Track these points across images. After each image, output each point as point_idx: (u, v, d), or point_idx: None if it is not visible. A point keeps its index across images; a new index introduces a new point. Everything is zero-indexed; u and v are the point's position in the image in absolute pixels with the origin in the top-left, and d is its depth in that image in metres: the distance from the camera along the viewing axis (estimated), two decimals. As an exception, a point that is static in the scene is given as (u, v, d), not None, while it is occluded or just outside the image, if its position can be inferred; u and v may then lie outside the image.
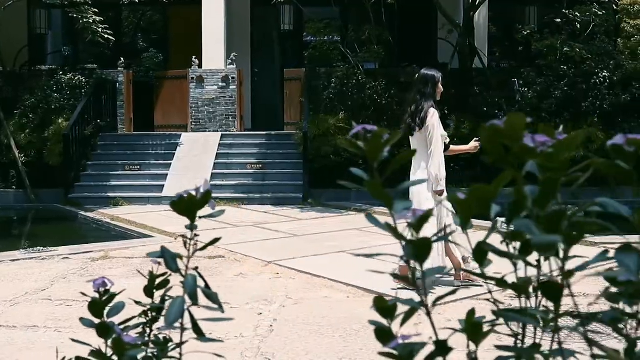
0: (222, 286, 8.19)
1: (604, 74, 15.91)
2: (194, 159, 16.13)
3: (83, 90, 16.93)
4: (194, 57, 17.98)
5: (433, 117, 7.36)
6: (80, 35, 17.54)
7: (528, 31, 17.09)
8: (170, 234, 11.49)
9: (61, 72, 17.18)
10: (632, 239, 1.24)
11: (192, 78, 17.95)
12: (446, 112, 16.13)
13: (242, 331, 6.47)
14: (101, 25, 14.45)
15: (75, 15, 13.77)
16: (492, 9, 19.23)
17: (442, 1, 16.48)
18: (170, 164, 16.06)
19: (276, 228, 12.05)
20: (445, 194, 7.38)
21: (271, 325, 6.62)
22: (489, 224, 1.27)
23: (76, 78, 16.99)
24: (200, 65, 17.99)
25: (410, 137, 7.60)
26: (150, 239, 11.25)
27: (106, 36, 14.56)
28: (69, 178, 15.54)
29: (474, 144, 8.06)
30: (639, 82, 16.18)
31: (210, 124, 17.87)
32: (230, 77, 17.88)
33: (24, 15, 20.13)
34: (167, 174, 15.72)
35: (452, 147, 7.93)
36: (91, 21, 14.01)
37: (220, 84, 17.87)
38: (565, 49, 15.82)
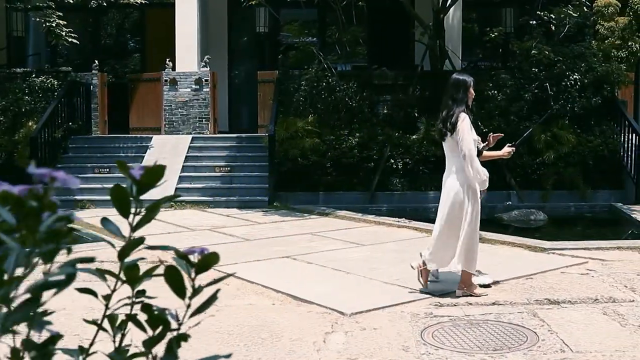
0: (149, 293, 8.14)
1: (574, 76, 15.82)
2: (163, 162, 15.87)
3: (55, 93, 16.93)
4: (167, 59, 17.98)
5: (464, 122, 7.30)
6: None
7: (496, 33, 17.00)
8: (125, 239, 11.45)
9: (34, 75, 17.17)
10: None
11: (166, 80, 17.94)
12: (416, 114, 16.09)
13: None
14: (65, 29, 14.41)
15: (38, 19, 13.73)
16: (467, 10, 19.15)
17: (417, 2, 16.40)
18: (139, 167, 16.00)
19: (232, 232, 12.01)
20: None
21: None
22: None
23: (48, 81, 16.98)
24: (173, 68, 17.98)
25: (443, 143, 7.57)
26: (100, 243, 11.20)
27: (70, 40, 14.53)
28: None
29: (507, 149, 8.02)
30: (610, 85, 16.08)
31: (183, 126, 17.86)
32: (203, 80, 17.86)
33: (2, 18, 20.16)
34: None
35: (485, 152, 7.84)
36: (54, 25, 13.98)
37: (193, 86, 17.85)
38: (533, 51, 15.73)
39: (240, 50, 20.82)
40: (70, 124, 17.03)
